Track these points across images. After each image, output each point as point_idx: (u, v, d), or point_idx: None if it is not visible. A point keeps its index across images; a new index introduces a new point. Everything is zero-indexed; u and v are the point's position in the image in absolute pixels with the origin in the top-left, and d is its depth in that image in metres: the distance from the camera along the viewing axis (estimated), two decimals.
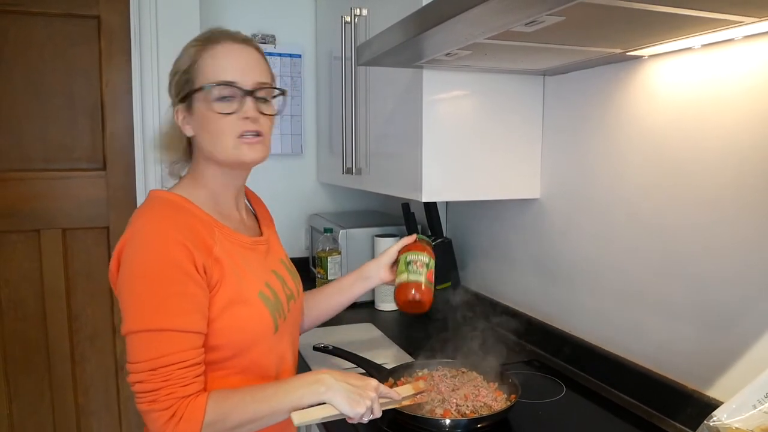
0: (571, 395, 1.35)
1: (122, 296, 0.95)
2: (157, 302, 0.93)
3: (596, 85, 1.40)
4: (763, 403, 0.86)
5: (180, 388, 0.92)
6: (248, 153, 1.05)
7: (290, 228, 2.58)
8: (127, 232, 0.98)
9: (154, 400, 0.91)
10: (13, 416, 2.19)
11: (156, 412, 0.91)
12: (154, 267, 0.93)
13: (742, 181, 1.06)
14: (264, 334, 1.05)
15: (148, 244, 0.95)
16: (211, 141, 1.04)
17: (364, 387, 1.02)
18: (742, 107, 1.05)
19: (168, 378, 0.91)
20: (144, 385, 0.92)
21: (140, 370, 0.92)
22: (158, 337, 0.92)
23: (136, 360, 0.93)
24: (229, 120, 1.02)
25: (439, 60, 1.29)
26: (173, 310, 0.93)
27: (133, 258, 0.94)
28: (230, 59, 1.03)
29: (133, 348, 0.93)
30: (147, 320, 0.92)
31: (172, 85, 1.08)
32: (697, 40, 1.07)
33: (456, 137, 1.52)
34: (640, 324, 1.31)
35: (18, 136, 2.13)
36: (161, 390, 0.91)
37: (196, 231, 0.99)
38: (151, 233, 0.96)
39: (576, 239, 1.51)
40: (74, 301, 2.23)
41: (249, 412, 0.95)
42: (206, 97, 1.02)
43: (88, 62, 2.17)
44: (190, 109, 1.05)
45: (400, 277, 1.29)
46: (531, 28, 0.94)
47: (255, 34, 2.42)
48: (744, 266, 1.07)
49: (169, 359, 0.92)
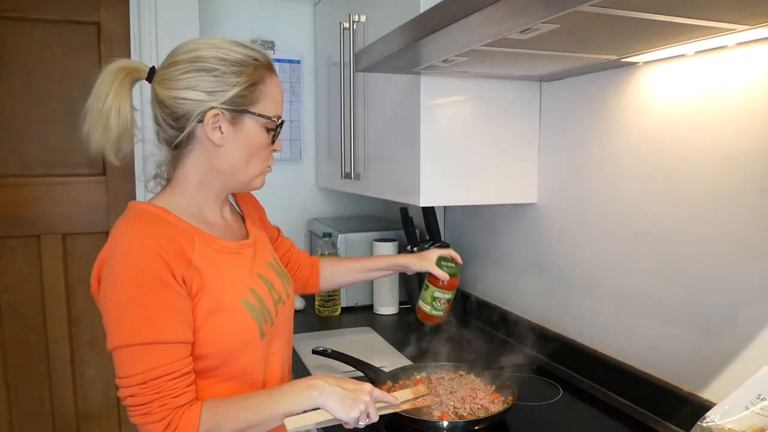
0: (567, 398, 1.36)
1: (105, 311, 0.93)
2: (141, 316, 0.91)
3: (592, 91, 1.42)
4: (756, 404, 0.87)
5: (172, 399, 0.91)
6: (262, 182, 1.10)
7: (289, 233, 2.56)
8: (106, 248, 0.96)
9: (148, 412, 0.90)
10: (13, 421, 2.20)
11: (150, 424, 0.90)
12: (134, 280, 0.92)
13: (735, 186, 1.07)
14: (250, 341, 1.03)
15: (125, 258, 0.93)
16: (242, 161, 1.04)
17: (358, 391, 1.01)
18: (736, 113, 1.06)
19: (159, 390, 0.91)
20: (136, 399, 0.91)
21: (130, 384, 0.91)
22: (145, 351, 0.91)
23: (125, 375, 0.91)
24: (268, 152, 1.07)
25: (436, 66, 1.31)
26: (157, 322, 0.92)
27: (113, 273, 0.93)
28: (281, 94, 1.07)
29: (122, 363, 0.92)
30: (132, 334, 0.91)
31: (226, 87, 0.99)
32: (690, 47, 1.09)
33: (453, 142, 1.53)
34: (635, 327, 1.32)
35: (18, 142, 2.14)
36: (154, 402, 0.90)
37: (175, 241, 0.97)
38: (128, 247, 0.94)
39: (572, 243, 1.52)
40: (74, 306, 2.24)
41: (242, 419, 0.95)
42: (263, 124, 1.04)
43: (87, 68, 2.18)
44: (235, 122, 1.01)
45: (424, 306, 1.51)
46: (526, 35, 0.95)
47: (254, 40, 2.43)
48: (737, 271, 1.08)
49: (159, 371, 0.91)
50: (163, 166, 1.08)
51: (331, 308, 2.08)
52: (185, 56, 1.00)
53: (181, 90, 0.98)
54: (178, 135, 1.01)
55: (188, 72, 0.99)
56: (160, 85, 1.01)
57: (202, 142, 1.02)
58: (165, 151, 1.06)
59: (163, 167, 1.08)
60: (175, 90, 0.99)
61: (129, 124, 1.02)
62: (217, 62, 0.98)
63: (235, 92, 0.99)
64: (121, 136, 1.02)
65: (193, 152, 1.03)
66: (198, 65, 0.99)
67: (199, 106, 0.98)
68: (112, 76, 1.01)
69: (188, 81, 0.98)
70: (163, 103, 1.00)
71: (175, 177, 1.06)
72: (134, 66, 1.04)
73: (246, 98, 1.01)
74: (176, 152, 1.04)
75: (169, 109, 1.00)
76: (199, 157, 1.04)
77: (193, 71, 0.98)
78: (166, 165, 1.08)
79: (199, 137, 1.02)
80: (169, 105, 1.00)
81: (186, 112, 0.99)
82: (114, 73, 1.01)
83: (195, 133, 1.01)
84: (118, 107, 1.00)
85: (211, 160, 1.03)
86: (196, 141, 1.02)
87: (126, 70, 1.02)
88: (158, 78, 1.02)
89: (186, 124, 0.99)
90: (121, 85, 1.01)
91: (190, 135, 1.01)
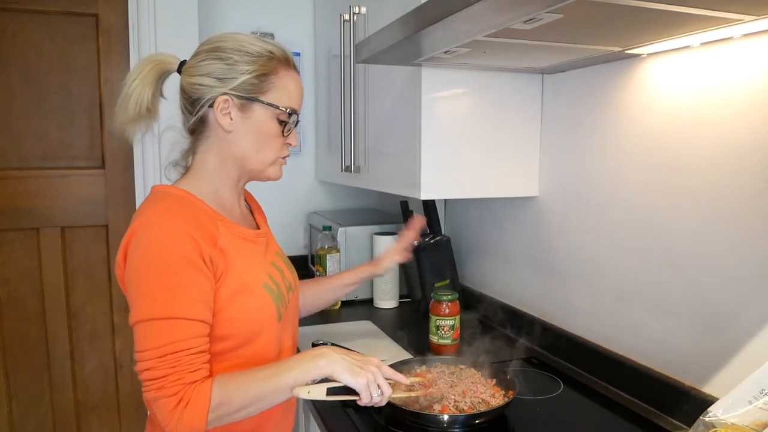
0: (568, 392, 1.36)
1: (130, 287, 0.97)
2: (165, 292, 0.94)
3: (595, 84, 1.41)
4: (759, 398, 0.86)
5: (188, 374, 0.94)
6: (277, 173, 1.15)
7: (289, 226, 2.58)
8: (134, 225, 0.99)
9: (162, 386, 0.92)
10: (13, 414, 2.20)
11: (163, 398, 0.92)
12: (162, 258, 0.95)
13: (739, 179, 1.06)
14: (269, 323, 1.08)
15: (155, 236, 0.97)
16: (252, 149, 1.09)
17: (365, 362, 1.04)
18: (740, 105, 1.05)
19: (176, 364, 0.93)
20: (152, 372, 0.93)
21: (149, 358, 0.93)
22: (166, 325, 0.94)
23: (144, 348, 0.94)
24: (280, 143, 1.11)
25: (437, 58, 1.30)
26: (181, 299, 0.95)
27: (141, 250, 0.96)
28: (299, 90, 1.12)
29: (142, 336, 0.94)
30: (155, 309, 0.94)
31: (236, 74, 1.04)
32: (695, 38, 1.07)
33: (455, 135, 1.52)
34: (637, 321, 1.32)
35: (16, 135, 2.13)
36: (169, 376, 0.93)
37: (202, 223, 1.01)
38: (158, 225, 0.98)
39: (574, 237, 1.51)
40: (73, 299, 2.24)
41: (251, 390, 0.97)
42: (273, 114, 1.08)
43: (86, 60, 2.17)
44: (244, 108, 1.06)
45: (432, 338, 1.59)
46: (530, 25, 0.94)
47: (254, 32, 2.42)
48: (740, 265, 1.07)
49: (178, 346, 0.93)
50: (185, 154, 1.15)
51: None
52: (207, 47, 1.07)
53: (197, 77, 1.05)
54: (192, 119, 1.08)
55: (205, 60, 1.05)
56: (184, 73, 1.08)
57: (215, 129, 1.08)
58: (188, 139, 1.13)
59: (185, 155, 1.15)
60: (193, 77, 1.06)
61: (146, 111, 1.09)
62: (232, 52, 1.04)
63: (244, 80, 1.04)
64: (137, 120, 1.09)
65: (209, 139, 1.09)
66: (215, 54, 1.05)
67: (211, 92, 1.04)
68: (143, 64, 1.09)
69: (204, 68, 1.05)
70: (183, 89, 1.08)
71: (194, 163, 1.12)
72: (165, 58, 1.11)
73: (256, 87, 1.05)
74: (194, 138, 1.11)
75: (187, 94, 1.07)
76: (213, 144, 1.09)
77: (209, 59, 1.05)
78: (186, 152, 1.14)
79: (212, 123, 1.07)
80: (187, 91, 1.07)
81: (199, 97, 1.05)
82: (145, 62, 1.09)
83: (208, 119, 1.08)
84: (139, 93, 1.07)
85: (223, 146, 1.08)
86: (210, 127, 1.08)
87: (156, 61, 1.10)
88: (184, 68, 1.09)
89: (199, 109, 1.06)
90: (147, 73, 1.08)
91: (204, 121, 1.08)
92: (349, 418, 1.22)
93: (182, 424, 0.92)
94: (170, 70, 1.12)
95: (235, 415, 0.97)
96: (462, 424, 1.15)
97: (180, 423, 0.92)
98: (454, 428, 1.15)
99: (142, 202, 1.05)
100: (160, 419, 0.93)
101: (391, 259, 1.50)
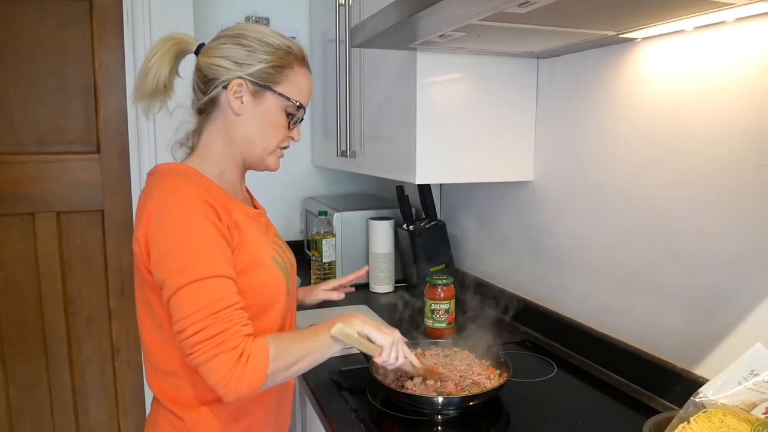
0: (561, 374, 1.37)
1: (165, 259, 0.97)
2: (204, 253, 0.96)
3: (590, 68, 1.41)
4: (748, 379, 0.88)
5: (243, 327, 0.95)
6: (276, 163, 1.17)
7: (285, 211, 2.59)
8: (151, 202, 1.00)
9: (223, 341, 0.92)
10: (10, 399, 2.21)
11: (225, 353, 0.91)
12: (193, 223, 0.97)
13: (733, 163, 1.07)
14: (280, 296, 1.11)
15: (180, 205, 0.99)
16: (257, 134, 1.12)
17: (390, 329, 1.13)
18: (734, 89, 1.06)
19: (230, 318, 0.94)
20: (208, 331, 0.92)
21: (201, 318, 0.92)
22: (213, 283, 0.95)
23: (194, 309, 0.93)
24: (283, 134, 1.14)
25: (432, 42, 1.29)
26: (219, 259, 0.97)
27: (169, 220, 0.98)
28: (309, 89, 1.17)
29: (187, 300, 0.94)
30: (198, 270, 0.94)
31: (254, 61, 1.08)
32: (689, 22, 1.07)
33: (450, 120, 1.52)
34: (630, 304, 1.33)
35: (10, 119, 2.12)
36: (227, 330, 0.93)
37: (216, 195, 1.04)
38: (178, 194, 1.00)
39: (569, 221, 1.52)
40: (70, 284, 2.24)
41: (301, 344, 1.01)
42: (284, 105, 1.11)
43: (80, 44, 2.16)
44: (257, 95, 1.09)
45: (427, 322, 1.62)
46: (524, 9, 0.94)
47: (249, 16, 2.40)
48: (733, 248, 1.08)
49: (227, 301, 0.95)
50: (191, 134, 1.17)
51: None
52: (230, 32, 1.11)
53: (216, 58, 1.08)
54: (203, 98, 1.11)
55: (226, 44, 1.09)
56: (202, 54, 1.11)
57: (225, 110, 1.10)
58: (195, 119, 1.16)
59: (191, 135, 1.17)
60: (211, 57, 1.09)
61: (161, 87, 1.12)
62: (253, 41, 1.08)
63: (261, 67, 1.08)
64: (153, 96, 1.12)
65: (217, 120, 1.12)
66: (236, 40, 1.09)
67: (227, 74, 1.07)
68: (163, 42, 1.13)
69: (224, 51, 1.08)
70: (199, 68, 1.11)
71: (199, 143, 1.14)
72: (184, 38, 1.14)
73: (271, 76, 1.09)
74: (201, 118, 1.13)
75: (202, 73, 1.10)
76: (221, 125, 1.12)
77: (230, 44, 1.09)
78: (193, 132, 1.16)
79: (222, 104, 1.10)
80: (203, 69, 1.10)
81: (214, 78, 1.08)
82: (165, 40, 1.13)
83: (219, 100, 1.10)
84: (157, 69, 1.11)
85: (229, 128, 1.11)
86: (220, 108, 1.11)
87: (175, 39, 1.13)
88: (203, 49, 1.12)
89: (212, 89, 1.09)
90: (167, 50, 1.12)
91: (214, 102, 1.10)
92: (345, 401, 1.23)
93: (244, 379, 0.92)
94: (188, 50, 1.15)
95: (287, 371, 0.99)
96: (456, 406, 1.17)
97: (242, 378, 0.92)
98: (449, 410, 1.16)
99: (150, 181, 1.07)
100: (219, 379, 0.92)
101: (316, 297, 1.51)
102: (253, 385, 0.93)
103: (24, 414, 2.24)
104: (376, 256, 2.06)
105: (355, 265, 2.15)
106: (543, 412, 1.20)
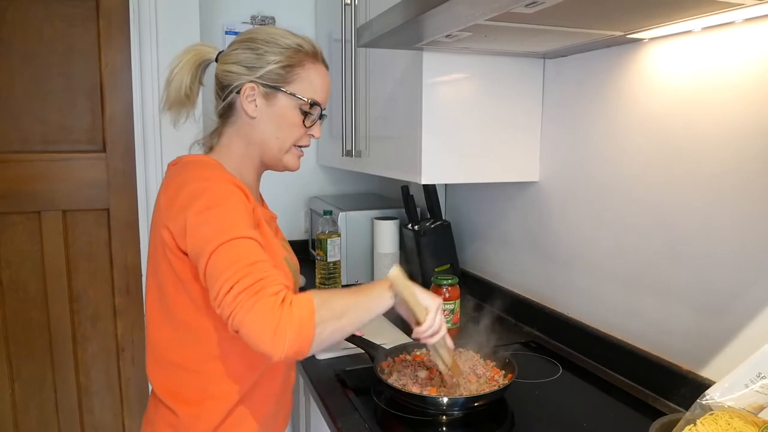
0: (567, 375, 1.37)
1: (197, 229, 0.96)
2: (235, 219, 0.97)
3: (596, 68, 1.40)
4: (756, 382, 0.87)
5: (282, 278, 0.94)
6: (295, 162, 1.19)
7: (290, 211, 2.59)
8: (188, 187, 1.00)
9: (262, 288, 0.89)
10: (15, 396, 2.22)
11: (266, 298, 0.88)
12: (225, 199, 0.99)
13: (740, 163, 1.07)
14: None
15: (213, 186, 1.00)
16: (273, 135, 1.13)
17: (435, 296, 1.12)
18: (742, 89, 1.05)
19: (267, 269, 0.92)
20: (245, 281, 0.89)
21: (237, 270, 0.90)
22: (245, 243, 0.94)
23: (229, 265, 0.91)
24: (300, 132, 1.15)
25: (439, 42, 1.29)
26: (249, 225, 0.98)
27: (206, 191, 0.99)
28: (325, 84, 1.16)
29: (223, 258, 0.92)
30: (236, 230, 0.95)
31: (264, 64, 1.09)
32: (697, 23, 1.07)
33: (456, 120, 1.52)
34: (636, 305, 1.32)
35: (17, 118, 2.13)
36: (266, 279, 0.90)
37: (243, 188, 1.05)
38: (207, 175, 1.03)
39: (574, 222, 1.51)
40: (75, 282, 2.25)
41: (348, 296, 1.00)
42: (297, 104, 1.12)
43: (86, 43, 2.16)
44: (269, 97, 1.11)
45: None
46: (531, 9, 0.94)
47: (254, 16, 2.41)
48: (740, 249, 1.08)
49: (262, 257, 0.94)
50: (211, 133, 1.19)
51: (331, 285, 2.08)
52: (242, 37, 1.13)
53: (228, 64, 1.11)
54: (222, 104, 1.14)
55: (237, 50, 1.11)
56: (219, 61, 1.14)
57: (241, 114, 1.12)
58: (216, 122, 1.18)
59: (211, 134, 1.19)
60: (225, 64, 1.12)
61: (183, 97, 1.14)
62: (263, 43, 1.10)
63: (270, 69, 1.09)
64: (176, 105, 1.15)
65: (235, 123, 1.14)
66: (247, 44, 1.11)
67: (239, 79, 1.10)
68: (183, 53, 1.15)
69: (236, 56, 1.11)
70: (216, 76, 1.14)
71: (218, 144, 1.16)
72: (204, 48, 1.17)
73: (281, 77, 1.10)
74: (221, 122, 1.16)
75: (218, 81, 1.13)
76: (239, 128, 1.14)
77: (241, 49, 1.11)
78: (213, 132, 1.18)
79: (238, 109, 1.12)
80: (219, 77, 1.13)
81: (228, 84, 1.11)
82: (185, 52, 1.15)
83: (235, 105, 1.12)
84: (179, 80, 1.13)
85: (247, 130, 1.13)
86: (236, 113, 1.13)
87: (196, 50, 1.16)
88: (220, 57, 1.14)
89: (228, 94, 1.11)
90: (187, 62, 1.14)
91: (232, 106, 1.13)
92: (350, 400, 1.23)
93: (292, 324, 0.87)
94: (209, 59, 1.16)
95: (337, 322, 0.94)
96: (461, 407, 1.16)
97: (290, 322, 0.87)
98: (453, 410, 1.16)
99: (175, 170, 1.08)
100: (264, 329, 0.86)
101: None
102: (302, 332, 0.88)
103: (29, 411, 2.24)
104: (381, 256, 2.05)
105: (360, 265, 2.15)
106: (548, 413, 1.20)
